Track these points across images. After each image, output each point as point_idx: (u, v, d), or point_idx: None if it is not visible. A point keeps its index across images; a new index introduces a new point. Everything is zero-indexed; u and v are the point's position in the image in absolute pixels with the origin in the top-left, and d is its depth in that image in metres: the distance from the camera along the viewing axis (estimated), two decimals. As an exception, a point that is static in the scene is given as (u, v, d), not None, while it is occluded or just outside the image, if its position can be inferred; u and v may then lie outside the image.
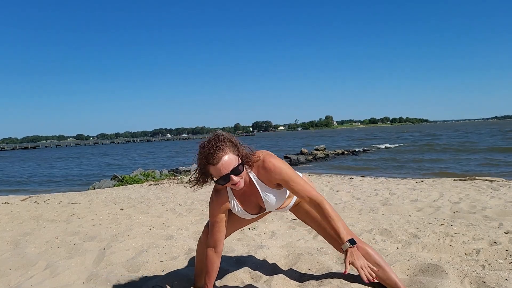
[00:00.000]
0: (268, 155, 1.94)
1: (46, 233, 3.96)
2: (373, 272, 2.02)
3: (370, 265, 1.96)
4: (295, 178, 1.93)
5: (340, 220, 1.94)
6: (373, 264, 2.06)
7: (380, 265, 2.08)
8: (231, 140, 1.85)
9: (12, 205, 6.38)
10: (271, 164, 1.90)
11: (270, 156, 1.94)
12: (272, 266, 2.64)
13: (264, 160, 1.92)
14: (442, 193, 6.11)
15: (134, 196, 7.24)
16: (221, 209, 2.04)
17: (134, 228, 4.14)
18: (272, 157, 1.94)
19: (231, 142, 1.84)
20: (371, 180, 8.88)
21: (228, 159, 1.78)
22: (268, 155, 1.94)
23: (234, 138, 1.89)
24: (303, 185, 1.93)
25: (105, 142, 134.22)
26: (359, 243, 2.04)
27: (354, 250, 1.89)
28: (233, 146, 1.83)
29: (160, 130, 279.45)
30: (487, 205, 4.91)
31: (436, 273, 2.32)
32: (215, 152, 1.76)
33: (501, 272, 2.31)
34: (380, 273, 2.08)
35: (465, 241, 3.10)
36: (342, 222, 1.95)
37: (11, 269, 2.81)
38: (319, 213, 1.96)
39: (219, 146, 1.77)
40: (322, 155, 21.49)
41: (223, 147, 1.78)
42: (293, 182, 1.92)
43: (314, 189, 1.98)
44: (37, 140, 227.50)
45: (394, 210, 4.87)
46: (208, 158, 1.77)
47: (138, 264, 2.79)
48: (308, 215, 2.22)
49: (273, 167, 1.90)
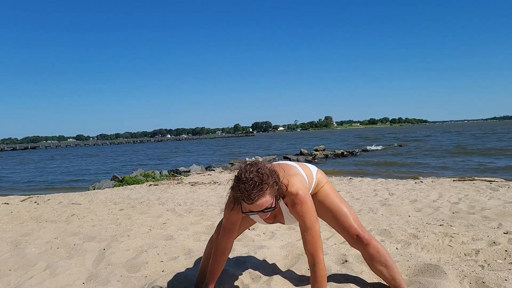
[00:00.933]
0: (300, 196, 1.87)
1: (46, 234, 3.97)
2: (378, 272, 2.09)
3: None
4: (312, 229, 1.88)
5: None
6: (382, 263, 2.09)
7: (388, 265, 2.10)
8: (274, 179, 1.78)
9: (12, 205, 6.38)
10: (299, 208, 1.87)
11: (302, 197, 1.87)
12: (272, 266, 2.64)
13: (295, 199, 1.87)
14: (441, 194, 6.12)
15: (134, 197, 7.24)
16: (238, 215, 2.00)
17: (134, 228, 4.14)
18: (303, 200, 1.87)
19: (274, 181, 1.77)
20: (370, 181, 8.88)
21: (265, 200, 1.73)
22: (300, 196, 1.87)
23: (276, 173, 1.82)
24: (316, 239, 1.89)
25: (105, 142, 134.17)
26: (373, 240, 2.08)
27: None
28: (274, 185, 1.77)
29: (160, 131, 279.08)
30: (486, 205, 4.92)
31: (436, 273, 2.33)
32: (254, 195, 1.69)
33: (500, 273, 2.32)
34: (386, 273, 2.10)
35: (464, 242, 3.11)
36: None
37: (11, 270, 2.82)
38: (310, 268, 1.93)
39: (260, 188, 1.70)
40: (322, 155, 21.48)
41: (264, 190, 1.71)
42: (308, 231, 1.88)
43: (321, 248, 1.92)
44: (37, 140, 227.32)
45: (393, 210, 4.87)
46: (244, 196, 1.71)
47: (138, 264, 2.80)
48: (320, 207, 2.18)
49: (300, 211, 1.87)
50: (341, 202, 2.18)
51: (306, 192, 1.92)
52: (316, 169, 2.23)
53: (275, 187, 1.78)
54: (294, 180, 1.92)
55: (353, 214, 2.15)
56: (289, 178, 1.91)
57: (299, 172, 2.05)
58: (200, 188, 8.30)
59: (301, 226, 1.91)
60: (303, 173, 2.09)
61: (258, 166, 1.77)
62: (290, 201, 1.89)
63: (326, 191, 2.19)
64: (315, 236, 1.89)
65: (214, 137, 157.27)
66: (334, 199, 2.17)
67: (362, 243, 2.08)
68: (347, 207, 2.16)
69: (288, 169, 2.02)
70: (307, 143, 39.22)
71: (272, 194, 1.77)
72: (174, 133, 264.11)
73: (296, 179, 1.94)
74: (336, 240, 3.33)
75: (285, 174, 1.91)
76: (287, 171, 1.96)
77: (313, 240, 1.89)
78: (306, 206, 1.88)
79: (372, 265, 2.14)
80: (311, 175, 2.15)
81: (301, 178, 2.01)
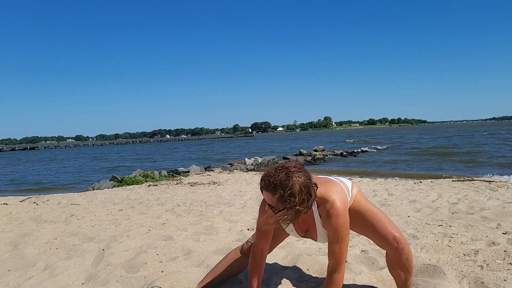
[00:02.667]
0: (337, 207, 1.81)
1: (45, 234, 3.96)
2: (396, 274, 2.05)
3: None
4: (343, 242, 1.83)
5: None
6: (405, 269, 2.03)
7: (409, 271, 2.05)
8: (310, 192, 1.69)
9: (11, 206, 6.37)
10: (334, 220, 1.81)
11: (339, 209, 1.81)
12: (271, 266, 2.64)
13: (331, 210, 1.81)
14: (440, 194, 6.12)
15: (133, 197, 7.23)
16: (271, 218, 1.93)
17: (133, 229, 4.14)
18: (339, 213, 1.81)
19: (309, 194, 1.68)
20: (369, 181, 8.89)
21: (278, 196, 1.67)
22: (337, 207, 1.81)
23: (314, 186, 1.73)
24: (343, 252, 1.85)
25: (104, 143, 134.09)
26: (407, 245, 2.00)
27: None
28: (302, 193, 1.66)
29: (159, 131, 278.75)
30: (486, 205, 4.92)
31: (435, 273, 2.33)
32: (270, 183, 1.65)
33: (500, 273, 2.32)
34: (403, 276, 2.06)
35: (463, 242, 3.11)
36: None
37: (10, 270, 2.81)
38: (328, 274, 1.88)
39: (284, 184, 1.63)
40: (321, 156, 21.48)
41: (287, 187, 1.63)
42: (338, 244, 1.83)
43: (345, 259, 1.89)
44: (36, 141, 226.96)
45: (392, 210, 4.87)
46: (261, 181, 1.70)
47: (137, 264, 2.79)
48: (355, 217, 2.08)
49: (334, 223, 1.81)
50: (375, 208, 2.11)
51: (344, 204, 1.85)
52: (351, 183, 2.15)
53: (290, 204, 1.65)
54: (334, 192, 1.86)
55: (387, 217, 2.09)
56: (330, 190, 1.86)
57: (339, 185, 1.97)
58: (200, 188, 8.30)
59: (330, 237, 1.85)
60: (345, 189, 2.00)
61: (290, 176, 1.65)
62: (325, 212, 1.83)
63: (359, 200, 2.11)
64: (343, 249, 1.84)
65: (213, 138, 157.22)
66: (368, 206, 2.09)
67: (398, 247, 1.98)
68: (381, 212, 2.09)
69: (331, 183, 1.95)
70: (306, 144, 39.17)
71: (283, 204, 1.66)
72: (173, 134, 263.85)
73: (335, 190, 1.88)
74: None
75: (323, 182, 1.88)
76: (330, 185, 1.91)
77: (340, 252, 1.83)
78: (342, 219, 1.81)
79: (393, 267, 2.08)
80: (348, 190, 2.06)
81: (341, 189, 1.93)
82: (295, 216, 1.68)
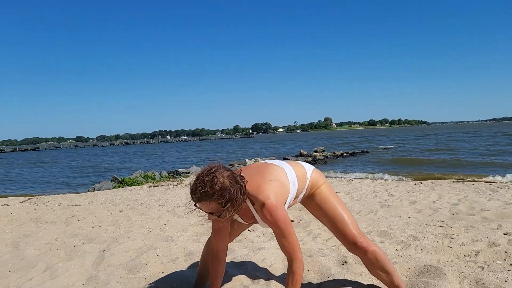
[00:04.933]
0: (268, 205, 1.79)
1: (46, 235, 3.96)
2: (378, 276, 2.08)
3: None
4: (287, 235, 1.83)
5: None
6: (380, 269, 2.06)
7: (386, 271, 2.08)
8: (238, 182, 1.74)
9: (11, 207, 6.38)
10: (268, 217, 1.80)
11: (270, 206, 1.79)
12: (271, 267, 2.64)
13: (263, 209, 1.81)
14: (441, 195, 6.12)
15: (134, 198, 7.24)
16: None
17: (133, 230, 4.14)
18: (271, 209, 1.79)
19: (228, 194, 1.70)
20: (370, 182, 8.89)
21: (205, 207, 1.76)
22: (268, 205, 1.79)
23: (238, 184, 1.74)
24: (293, 243, 1.84)
25: (105, 144, 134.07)
26: (371, 246, 2.02)
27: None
28: (224, 197, 1.71)
29: (159, 132, 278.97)
30: (486, 206, 4.92)
31: (435, 274, 2.33)
32: (196, 197, 1.74)
33: (500, 274, 2.32)
34: (385, 277, 2.09)
35: (464, 243, 3.11)
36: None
37: (10, 271, 2.81)
38: (288, 265, 1.89)
39: (205, 195, 1.70)
40: (321, 156, 21.47)
41: (207, 198, 1.71)
42: (283, 238, 1.84)
43: (299, 248, 1.88)
44: (37, 142, 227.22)
45: (393, 211, 4.87)
46: (190, 193, 1.76)
47: (138, 265, 2.80)
48: (317, 210, 2.12)
49: (270, 220, 1.81)
50: (339, 205, 2.09)
51: (278, 198, 1.83)
52: (312, 169, 2.14)
53: (225, 199, 1.69)
54: (266, 187, 1.83)
55: (350, 218, 2.08)
56: (261, 185, 1.84)
57: (278, 177, 1.92)
58: (200, 189, 8.28)
59: (274, 232, 1.87)
60: (289, 175, 1.98)
61: (215, 175, 1.71)
62: (259, 210, 1.83)
63: (323, 193, 2.11)
64: (291, 241, 1.84)
65: (214, 139, 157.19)
66: (332, 203, 2.09)
67: (359, 250, 2.03)
68: (345, 211, 2.09)
69: (266, 173, 1.92)
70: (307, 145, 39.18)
71: (221, 203, 1.71)
72: (173, 135, 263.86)
73: (268, 186, 1.84)
74: (335, 241, 3.33)
75: (259, 180, 1.86)
76: (263, 176, 1.89)
77: (289, 245, 1.84)
78: (276, 214, 1.79)
79: (371, 270, 2.12)
80: (304, 174, 2.06)
81: (277, 184, 1.88)
82: (235, 208, 1.75)
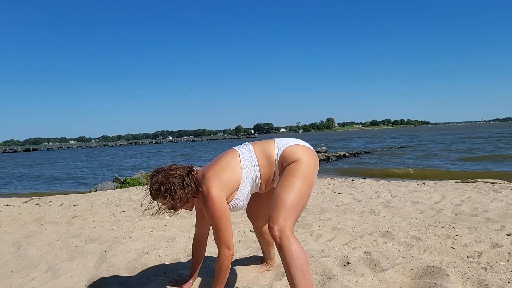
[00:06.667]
0: (209, 197, 1.88)
1: (48, 235, 3.97)
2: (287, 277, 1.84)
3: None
4: (221, 230, 1.90)
5: (222, 282, 2.00)
6: (287, 270, 1.79)
7: (292, 276, 1.77)
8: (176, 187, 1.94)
9: (14, 207, 6.40)
10: (206, 208, 1.91)
11: (210, 198, 1.88)
12: (274, 269, 2.63)
13: (205, 200, 1.91)
14: (443, 195, 6.10)
15: (136, 198, 7.24)
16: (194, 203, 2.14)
17: (135, 230, 4.14)
18: (210, 202, 1.88)
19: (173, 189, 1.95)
20: (372, 183, 8.87)
21: (162, 201, 2.03)
22: (209, 197, 1.88)
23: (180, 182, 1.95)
24: (223, 238, 1.91)
25: (107, 144, 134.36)
26: (284, 241, 1.79)
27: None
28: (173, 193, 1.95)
29: (161, 132, 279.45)
30: (489, 207, 4.90)
31: (438, 275, 2.32)
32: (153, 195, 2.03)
33: (503, 275, 2.31)
34: (290, 281, 1.80)
35: (467, 244, 3.10)
36: (222, 283, 2.01)
37: (12, 271, 2.82)
38: (216, 261, 1.99)
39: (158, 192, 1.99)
40: (324, 157, 21.44)
41: (160, 195, 1.99)
42: (217, 232, 1.93)
43: (231, 240, 1.93)
44: (39, 142, 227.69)
45: (395, 212, 4.86)
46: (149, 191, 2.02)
47: (140, 266, 2.80)
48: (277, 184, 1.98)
49: (207, 211, 1.91)
50: (297, 189, 1.88)
51: (218, 191, 1.89)
52: (290, 143, 2.03)
53: (168, 194, 1.94)
54: (210, 178, 1.93)
55: (294, 207, 1.86)
56: (207, 176, 1.95)
57: (229, 164, 1.97)
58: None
59: (211, 224, 1.95)
60: (242, 157, 2.00)
61: (153, 176, 2.01)
62: (203, 200, 1.94)
63: (289, 169, 1.94)
64: (222, 237, 1.92)
65: (216, 139, 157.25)
66: (290, 181, 1.89)
67: (275, 235, 1.81)
68: (296, 198, 1.86)
69: (217, 162, 2.02)
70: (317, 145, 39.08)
71: (172, 198, 1.95)
72: (175, 135, 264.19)
73: (213, 177, 1.93)
74: (338, 242, 3.33)
75: (207, 170, 1.99)
76: (213, 166, 1.99)
77: (218, 240, 1.94)
78: (212, 208, 1.88)
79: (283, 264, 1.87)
80: (271, 153, 2.00)
81: (224, 173, 1.94)
82: (181, 200, 1.96)
